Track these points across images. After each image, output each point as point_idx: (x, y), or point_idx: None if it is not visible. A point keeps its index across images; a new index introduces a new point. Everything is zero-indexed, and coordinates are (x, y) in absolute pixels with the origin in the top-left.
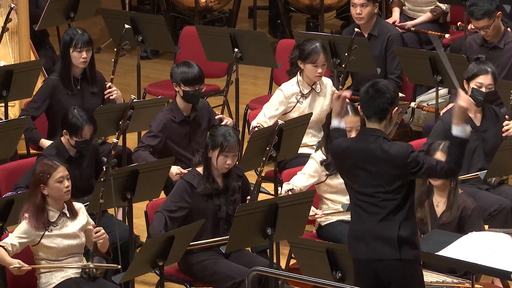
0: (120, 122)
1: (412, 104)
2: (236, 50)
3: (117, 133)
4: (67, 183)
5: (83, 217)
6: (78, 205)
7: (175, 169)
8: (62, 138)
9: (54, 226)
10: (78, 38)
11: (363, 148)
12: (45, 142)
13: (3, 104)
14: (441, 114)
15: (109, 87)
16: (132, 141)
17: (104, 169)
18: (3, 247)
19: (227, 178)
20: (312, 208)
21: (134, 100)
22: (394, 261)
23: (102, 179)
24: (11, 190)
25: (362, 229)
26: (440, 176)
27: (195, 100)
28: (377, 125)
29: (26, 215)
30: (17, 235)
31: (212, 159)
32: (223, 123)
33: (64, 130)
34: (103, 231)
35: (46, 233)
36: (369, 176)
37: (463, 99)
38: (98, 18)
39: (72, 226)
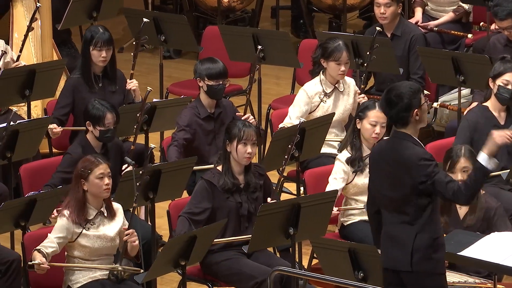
0: (138, 115)
1: (435, 104)
2: (259, 47)
3: (135, 126)
4: (107, 180)
5: (120, 219)
6: (116, 205)
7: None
8: (87, 135)
9: (92, 225)
10: (98, 36)
11: (387, 150)
12: None
13: (25, 104)
14: (464, 113)
15: (131, 82)
16: (154, 140)
17: (141, 174)
18: (39, 250)
19: (248, 174)
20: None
21: (155, 100)
22: (406, 273)
23: (138, 184)
24: (41, 189)
25: (384, 236)
26: (447, 195)
27: (219, 95)
28: (403, 129)
29: (66, 211)
30: (56, 235)
31: (232, 152)
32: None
33: (87, 122)
34: (135, 233)
35: (84, 231)
36: (389, 179)
37: (499, 135)
38: (121, 17)
39: (110, 229)
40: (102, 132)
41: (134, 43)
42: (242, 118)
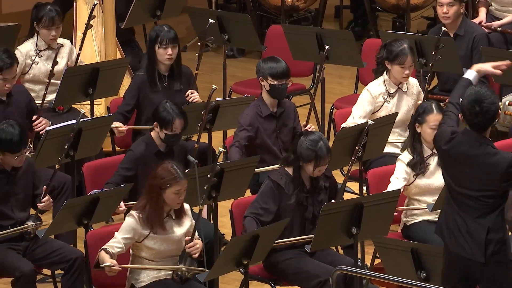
0: (202, 112)
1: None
2: (326, 47)
3: (199, 124)
4: (182, 196)
5: (187, 220)
6: (184, 206)
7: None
8: (152, 133)
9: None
10: (163, 34)
11: (465, 151)
12: None
13: (89, 102)
14: None
15: (191, 93)
16: (217, 139)
17: (208, 176)
18: (106, 250)
19: (315, 178)
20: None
21: (218, 99)
22: (480, 263)
23: (205, 187)
24: (103, 187)
25: (454, 223)
26: None
27: (282, 94)
28: (484, 133)
29: (135, 212)
30: (123, 236)
31: (306, 169)
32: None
33: (155, 123)
34: (198, 245)
35: (151, 234)
36: (466, 177)
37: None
38: (184, 16)
39: (177, 232)
40: (168, 136)
41: (199, 43)
42: (304, 128)
